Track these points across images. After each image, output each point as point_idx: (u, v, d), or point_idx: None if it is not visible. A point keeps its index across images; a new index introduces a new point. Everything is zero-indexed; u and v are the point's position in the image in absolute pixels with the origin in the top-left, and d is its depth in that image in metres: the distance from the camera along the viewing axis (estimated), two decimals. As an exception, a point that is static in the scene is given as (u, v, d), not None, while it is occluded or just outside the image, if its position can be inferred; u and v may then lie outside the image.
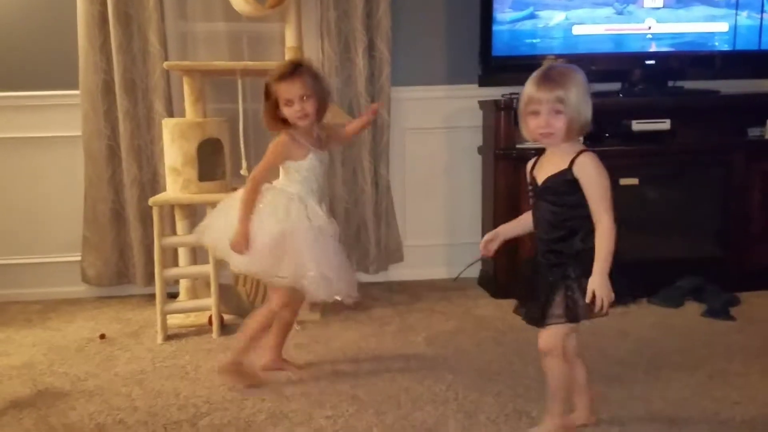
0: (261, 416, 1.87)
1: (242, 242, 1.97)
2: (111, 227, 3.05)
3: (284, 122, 2.03)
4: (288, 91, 1.98)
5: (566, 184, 1.60)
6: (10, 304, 2.97)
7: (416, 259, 3.32)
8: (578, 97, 1.57)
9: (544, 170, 1.66)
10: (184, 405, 1.94)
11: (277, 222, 2.00)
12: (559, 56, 2.92)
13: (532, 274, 1.73)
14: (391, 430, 1.78)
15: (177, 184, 2.65)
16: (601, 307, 1.56)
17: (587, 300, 1.56)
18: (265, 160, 2.04)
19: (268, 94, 2.02)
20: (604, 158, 2.79)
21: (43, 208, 3.11)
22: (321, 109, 2.05)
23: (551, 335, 1.66)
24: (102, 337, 2.55)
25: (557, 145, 1.62)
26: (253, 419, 1.85)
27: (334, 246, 2.09)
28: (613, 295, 1.56)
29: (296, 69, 2.00)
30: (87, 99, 2.95)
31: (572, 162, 1.59)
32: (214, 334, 2.54)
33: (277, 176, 2.13)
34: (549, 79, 1.61)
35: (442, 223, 3.35)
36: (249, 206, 2.01)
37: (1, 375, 2.21)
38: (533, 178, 1.69)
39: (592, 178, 1.58)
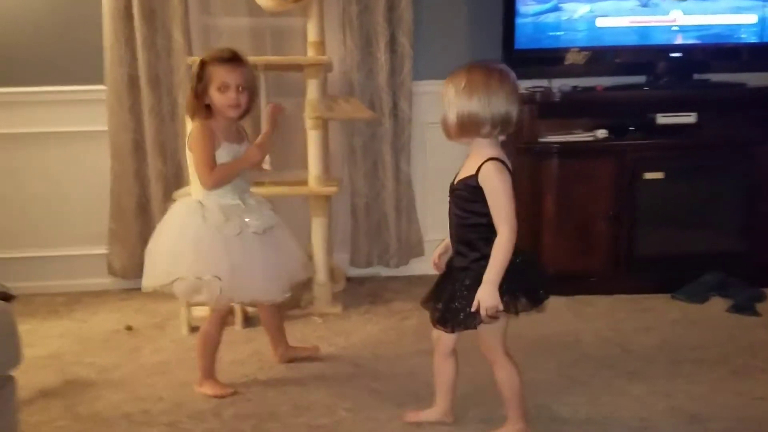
0: (283, 407, 1.89)
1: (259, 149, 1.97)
2: (136, 220, 3.09)
3: (207, 109, 1.93)
4: (227, 75, 1.89)
5: (471, 190, 1.58)
6: (36, 296, 3.03)
7: (437, 253, 3.32)
8: (457, 94, 1.55)
9: (462, 171, 1.64)
10: (207, 396, 1.97)
11: (193, 220, 1.93)
12: (582, 49, 2.96)
13: (444, 274, 1.72)
14: (412, 424, 1.79)
15: (200, 178, 2.68)
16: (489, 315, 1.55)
17: (473, 308, 1.55)
18: (198, 148, 1.90)
19: (201, 76, 1.90)
20: (629, 152, 2.82)
21: (69, 202, 3.16)
22: (249, 107, 1.97)
23: (446, 339, 1.70)
24: (129, 328, 2.59)
25: (452, 140, 1.62)
26: (276, 410, 1.87)
27: (262, 248, 1.96)
28: (501, 305, 1.54)
29: (239, 57, 1.93)
30: (113, 94, 2.99)
31: (479, 169, 1.56)
32: (238, 326, 2.57)
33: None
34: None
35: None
36: (232, 170, 1.93)
37: (29, 365, 2.23)
38: (455, 177, 1.67)
39: (494, 187, 1.55)
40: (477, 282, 1.55)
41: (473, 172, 1.57)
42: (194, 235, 1.91)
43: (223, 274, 1.89)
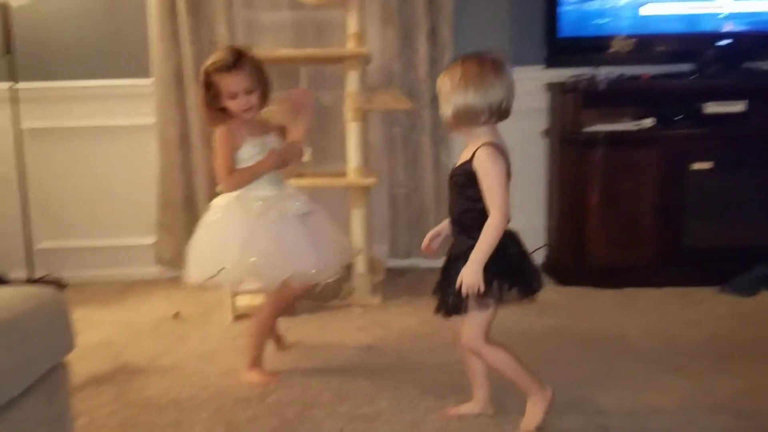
0: (325, 395, 1.92)
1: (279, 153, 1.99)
2: (183, 212, 3.17)
3: (223, 111, 1.97)
4: (233, 84, 1.92)
5: (466, 175, 1.60)
6: (88, 285, 3.13)
7: (478, 244, 3.31)
8: (453, 87, 1.57)
9: (461, 157, 1.66)
10: (252, 383, 2.02)
11: (215, 225, 1.99)
12: (628, 37, 2.90)
13: (447, 261, 1.71)
14: (454, 417, 1.79)
15: (244, 170, 2.72)
16: (479, 300, 1.56)
17: (456, 287, 1.56)
18: (220, 154, 1.96)
19: (208, 86, 1.94)
20: (675, 141, 2.76)
21: (119, 194, 3.26)
22: (264, 98, 2.01)
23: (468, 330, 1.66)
24: (176, 316, 2.66)
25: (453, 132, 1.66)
26: (318, 398, 1.91)
27: (302, 230, 2.00)
28: (482, 286, 1.54)
29: (238, 60, 1.92)
30: (160, 88, 3.07)
31: (474, 154, 1.59)
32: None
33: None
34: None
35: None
36: (251, 174, 1.97)
37: (80, 352, 2.29)
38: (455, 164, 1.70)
39: (486, 171, 1.57)
40: None
41: (469, 158, 1.60)
42: (237, 226, 1.96)
43: (269, 258, 1.92)
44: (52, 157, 3.22)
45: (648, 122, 2.84)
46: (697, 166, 2.82)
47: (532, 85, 3.12)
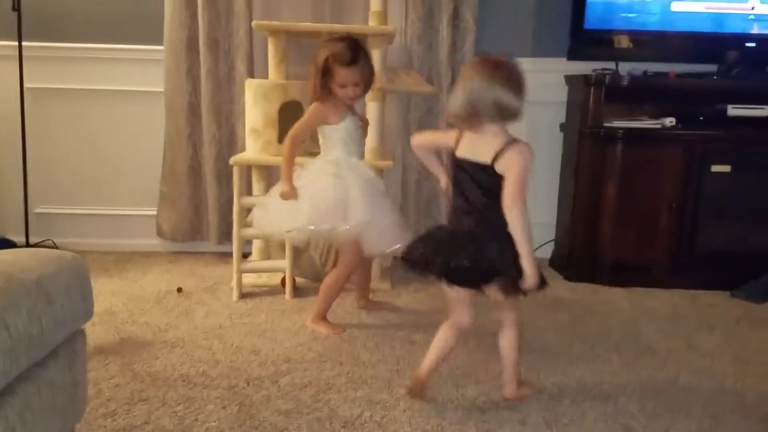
0: (341, 379, 1.86)
1: (290, 192, 2.16)
2: (188, 184, 3.08)
3: (328, 92, 2.18)
4: (347, 77, 2.14)
5: (492, 174, 1.60)
6: (86, 253, 3.03)
7: (487, 235, 3.26)
8: (482, 82, 1.59)
9: (470, 152, 1.67)
10: (264, 362, 1.96)
11: (328, 177, 2.17)
12: (653, 33, 2.84)
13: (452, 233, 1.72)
14: (474, 405, 1.75)
15: (257, 144, 2.65)
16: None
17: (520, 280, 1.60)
18: (304, 121, 2.22)
19: (325, 71, 2.13)
20: (697, 142, 2.73)
21: (123, 161, 3.17)
22: (366, 90, 2.24)
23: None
24: (179, 290, 2.58)
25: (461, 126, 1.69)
26: (333, 382, 1.85)
27: (383, 200, 2.26)
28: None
29: (357, 56, 2.13)
30: (171, 55, 2.96)
31: (502, 151, 1.59)
32: (287, 296, 2.55)
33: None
34: None
35: (515, 201, 3.27)
36: (290, 161, 2.19)
37: (84, 320, 2.26)
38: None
39: (522, 167, 1.58)
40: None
41: (493, 155, 1.59)
42: (323, 187, 2.17)
43: (349, 220, 2.13)
44: (54, 118, 3.11)
45: (669, 121, 2.79)
46: (717, 168, 2.79)
47: (552, 77, 3.07)
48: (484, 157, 1.60)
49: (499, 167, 1.58)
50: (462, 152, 1.66)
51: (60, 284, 1.24)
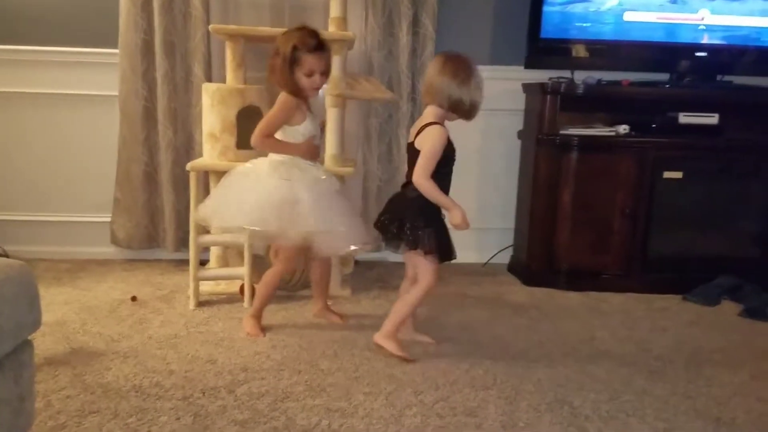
0: (299, 388, 1.84)
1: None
2: (143, 190, 3.01)
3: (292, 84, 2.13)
4: (315, 64, 2.11)
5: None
6: (38, 261, 2.95)
7: (446, 241, 3.27)
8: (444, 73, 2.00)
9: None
10: (220, 372, 1.92)
11: (276, 180, 2.13)
12: (607, 42, 2.90)
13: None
14: (432, 411, 1.75)
15: (215, 150, 2.61)
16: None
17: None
18: (274, 113, 2.15)
19: (293, 60, 2.09)
20: (650, 149, 2.80)
21: (75, 167, 3.09)
22: (325, 80, 2.22)
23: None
24: (134, 299, 2.53)
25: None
26: (291, 390, 1.83)
27: (337, 200, 2.22)
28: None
29: (322, 42, 2.14)
30: (126, 58, 2.90)
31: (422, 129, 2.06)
32: (246, 304, 2.52)
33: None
34: None
35: (473, 207, 3.28)
36: (276, 151, 2.19)
37: (33, 331, 2.19)
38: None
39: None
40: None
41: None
42: (270, 188, 2.12)
43: (297, 218, 2.08)
44: (5, 123, 3.01)
45: (623, 129, 2.85)
46: (669, 174, 2.85)
47: (509, 85, 3.11)
48: (412, 136, 2.03)
49: (417, 144, 1.99)
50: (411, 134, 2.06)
51: (5, 294, 1.20)
